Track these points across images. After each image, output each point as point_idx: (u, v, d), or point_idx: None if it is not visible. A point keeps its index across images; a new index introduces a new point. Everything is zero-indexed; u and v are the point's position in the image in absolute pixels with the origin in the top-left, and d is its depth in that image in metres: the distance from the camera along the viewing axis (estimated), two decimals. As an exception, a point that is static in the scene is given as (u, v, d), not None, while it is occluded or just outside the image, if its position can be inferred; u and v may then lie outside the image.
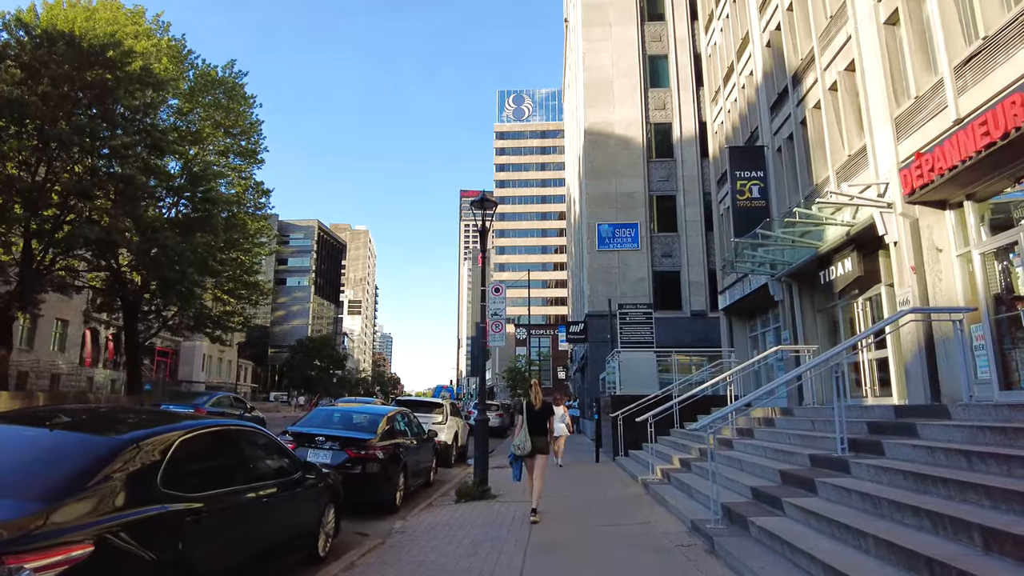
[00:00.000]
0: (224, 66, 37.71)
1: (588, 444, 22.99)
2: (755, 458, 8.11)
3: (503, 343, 9.90)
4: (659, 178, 28.17)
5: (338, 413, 10.15)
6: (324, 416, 9.92)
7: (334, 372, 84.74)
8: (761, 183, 16.46)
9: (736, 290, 19.28)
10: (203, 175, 32.72)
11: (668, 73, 29.08)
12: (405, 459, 9.63)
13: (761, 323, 19.11)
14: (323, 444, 8.59)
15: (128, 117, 28.41)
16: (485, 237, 10.54)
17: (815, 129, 13.94)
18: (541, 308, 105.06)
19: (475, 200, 10.54)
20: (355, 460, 8.48)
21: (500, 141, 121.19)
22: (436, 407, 15.52)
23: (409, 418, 10.98)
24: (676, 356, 15.45)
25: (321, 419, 9.76)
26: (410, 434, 10.65)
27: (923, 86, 9.59)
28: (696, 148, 28.17)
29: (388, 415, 9.78)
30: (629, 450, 14.55)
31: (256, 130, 39.32)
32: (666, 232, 27.76)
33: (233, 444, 4.91)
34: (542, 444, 8.08)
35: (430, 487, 11.83)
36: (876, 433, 6.60)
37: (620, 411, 14.55)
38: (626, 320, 16.53)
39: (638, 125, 28.54)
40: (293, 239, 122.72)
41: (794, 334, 15.28)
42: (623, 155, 28.21)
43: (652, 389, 15.59)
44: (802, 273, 14.65)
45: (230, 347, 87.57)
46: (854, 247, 12.02)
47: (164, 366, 66.92)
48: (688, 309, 26.63)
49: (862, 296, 12.69)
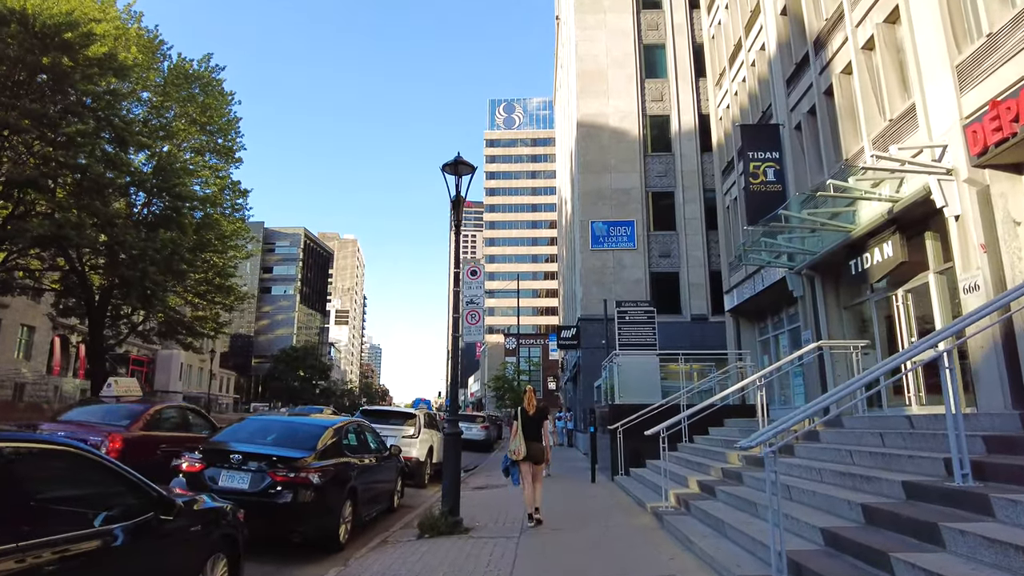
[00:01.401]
0: (200, 60, 35.69)
1: (581, 459, 20.96)
2: (811, 484, 6.18)
3: (480, 337, 7.99)
4: (656, 173, 26.42)
5: (276, 423, 8.11)
6: (255, 427, 7.88)
7: (317, 383, 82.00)
8: (776, 165, 14.66)
9: (745, 288, 17.43)
10: (171, 169, 30.71)
11: (666, 63, 27.44)
12: (355, 482, 7.62)
13: (774, 324, 17.25)
14: (240, 464, 6.56)
15: (89, 105, 26.41)
16: (460, 207, 8.60)
17: (844, 96, 12.16)
18: (532, 318, 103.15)
19: (447, 164, 8.62)
20: (282, 485, 6.46)
21: (491, 149, 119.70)
22: (407, 418, 13.49)
23: (364, 431, 8.97)
24: (681, 361, 13.53)
25: (250, 431, 7.73)
26: (366, 451, 8.64)
27: (998, 20, 7.80)
28: (696, 142, 26.47)
29: (335, 427, 7.77)
30: (630, 468, 12.57)
31: (234, 127, 37.29)
32: (664, 231, 25.96)
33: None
34: (537, 450, 8.14)
35: (393, 513, 9.80)
36: (1006, 451, 4.69)
37: (619, 423, 12.59)
38: (625, 320, 14.60)
39: (634, 117, 26.83)
40: (279, 247, 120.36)
41: (817, 334, 13.41)
42: (618, 148, 26.46)
43: (655, 398, 13.65)
44: (827, 264, 12.83)
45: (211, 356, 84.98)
46: (896, 228, 10.18)
47: (140, 375, 64.33)
48: (688, 313, 24.79)
49: (903, 287, 10.84)
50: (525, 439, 8.05)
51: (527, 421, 8.15)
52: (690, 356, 14.57)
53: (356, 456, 8.02)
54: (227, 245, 37.27)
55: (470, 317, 8.56)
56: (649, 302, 15.27)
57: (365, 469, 8.19)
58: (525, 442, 8.03)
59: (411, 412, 13.76)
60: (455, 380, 8.36)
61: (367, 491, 8.19)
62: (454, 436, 8.09)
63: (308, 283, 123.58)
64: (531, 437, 8.11)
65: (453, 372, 8.35)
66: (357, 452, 8.18)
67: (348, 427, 8.15)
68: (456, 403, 8.37)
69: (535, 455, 8.09)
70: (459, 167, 8.59)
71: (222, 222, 36.00)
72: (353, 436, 8.34)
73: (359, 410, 14.01)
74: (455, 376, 8.35)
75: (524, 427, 8.13)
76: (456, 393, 8.33)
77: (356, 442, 8.38)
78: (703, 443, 11.62)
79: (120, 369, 60.55)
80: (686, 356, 13.37)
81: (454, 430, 8.11)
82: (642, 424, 12.43)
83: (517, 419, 8.25)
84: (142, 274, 26.48)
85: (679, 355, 13.41)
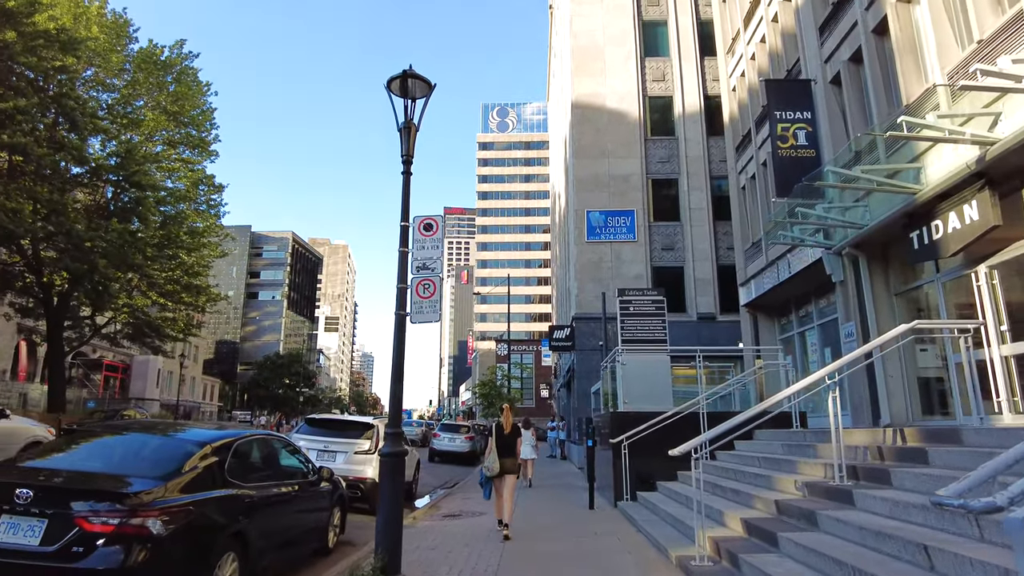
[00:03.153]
0: (172, 46, 33.27)
1: (576, 476, 18.45)
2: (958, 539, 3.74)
3: (437, 318, 5.62)
4: (658, 159, 24.10)
5: (132, 438, 5.59)
6: (96, 445, 5.37)
7: (301, 390, 79.04)
8: (808, 126, 12.34)
9: (766, 278, 15.06)
10: (132, 156, 28.21)
11: (668, 40, 25.20)
12: (247, 524, 5.14)
13: (799, 319, 14.88)
14: (30, 505, 4.08)
15: (33, 80, 23.98)
16: (411, 138, 6.19)
17: (902, 29, 9.83)
18: (524, 324, 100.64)
19: (394, 77, 6.21)
20: (97, 538, 3.99)
21: (483, 152, 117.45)
22: (363, 430, 10.96)
23: (275, 448, 6.49)
24: (699, 360, 11.07)
25: (88, 450, 5.24)
26: (275, 476, 6.17)
27: None
28: (701, 125, 24.21)
29: (215, 443, 5.28)
30: (637, 491, 10.11)
31: (208, 119, 34.76)
32: (667, 221, 23.62)
33: None
34: (511, 465, 8.52)
35: (327, 557, 7.31)
36: None
37: (624, 435, 10.14)
38: (629, 311, 12.19)
39: (633, 98, 24.54)
40: (267, 251, 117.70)
41: (862, 326, 11.04)
42: (616, 132, 24.15)
43: (665, 405, 11.22)
44: (876, 240, 10.50)
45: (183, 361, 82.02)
46: (984, 183, 7.83)
47: (114, 382, 61.49)
48: (694, 312, 22.41)
49: (987, 263, 8.48)
50: (499, 455, 8.44)
51: (502, 438, 8.56)
52: (710, 354, 12.14)
53: (254, 484, 5.53)
54: (199, 242, 34.72)
55: (422, 288, 6.13)
56: (657, 291, 12.84)
57: (270, 503, 5.71)
58: (499, 458, 8.42)
59: (368, 422, 11.24)
60: (398, 377, 5.90)
61: (273, 534, 5.71)
62: (394, 457, 5.65)
63: (296, 288, 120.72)
64: (505, 453, 8.50)
65: (396, 367, 5.89)
66: (257, 478, 5.69)
67: (241, 443, 5.63)
68: (398, 408, 5.93)
69: (508, 469, 8.48)
70: (409, 83, 6.18)
71: (194, 217, 33.51)
72: (252, 455, 5.86)
73: (303, 420, 11.46)
74: (398, 373, 5.89)
75: (499, 443, 8.51)
76: (399, 394, 5.88)
77: (257, 464, 5.90)
78: (731, 461, 9.18)
79: (93, 375, 57.73)
80: (704, 354, 10.93)
81: (395, 449, 5.67)
82: (652, 437, 10.01)
83: (492, 435, 8.66)
84: (90, 267, 23.95)
85: (696, 352, 10.96)
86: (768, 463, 7.74)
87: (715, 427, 6.72)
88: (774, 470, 7.28)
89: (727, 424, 6.55)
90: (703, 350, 11.09)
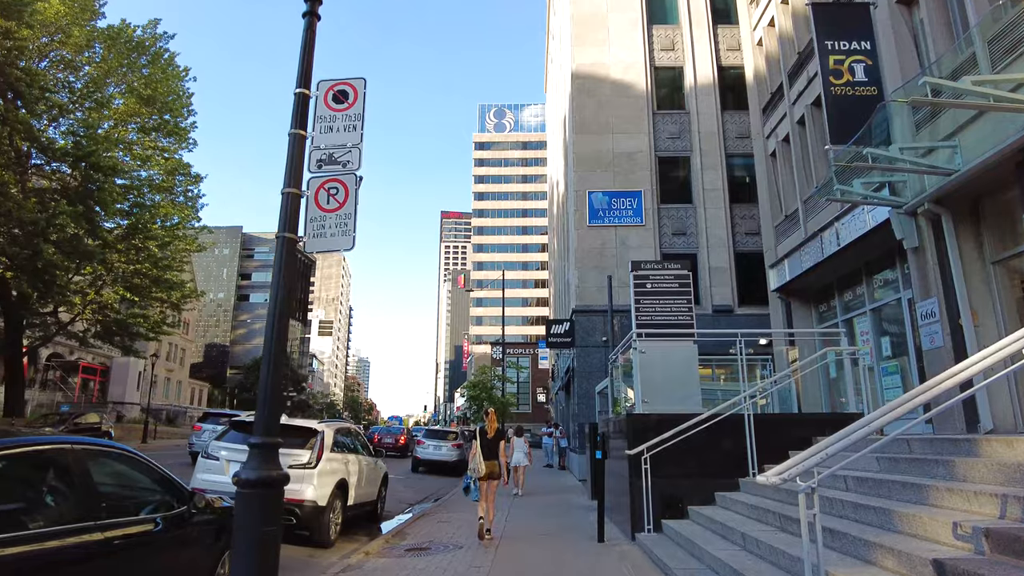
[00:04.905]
0: (145, 25, 30.83)
1: (577, 490, 15.92)
2: None
3: (349, 245, 3.09)
4: (668, 135, 21.68)
5: None
6: None
7: (289, 394, 76.26)
8: (867, 59, 9.91)
9: (805, 254, 12.60)
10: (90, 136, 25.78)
11: (677, 6, 22.84)
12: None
13: (845, 305, 12.41)
14: None
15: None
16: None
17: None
18: (521, 328, 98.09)
19: None
20: None
21: (480, 152, 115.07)
22: (305, 437, 8.42)
23: (104, 466, 3.97)
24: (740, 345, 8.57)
25: None
26: (94, 509, 3.65)
27: None
28: (715, 98, 21.82)
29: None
30: (663, 519, 7.60)
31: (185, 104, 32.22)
32: (678, 204, 21.17)
33: None
34: (494, 468, 8.61)
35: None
36: None
37: (644, 444, 7.63)
38: (645, 289, 9.74)
39: (640, 69, 22.15)
40: (258, 252, 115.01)
41: (945, 304, 8.58)
42: (621, 105, 21.74)
43: (693, 404, 8.76)
44: (966, 192, 8.11)
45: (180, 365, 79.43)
46: None
47: (93, 385, 58.85)
48: (708, 304, 19.96)
49: None
50: (484, 458, 8.50)
51: (486, 442, 8.62)
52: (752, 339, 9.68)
53: (34, 532, 3.03)
54: (174, 235, 32.16)
55: (324, 196, 3.66)
56: (680, 263, 10.37)
57: (62, 561, 3.21)
58: (484, 462, 8.47)
59: (311, 427, 8.67)
60: (275, 362, 3.42)
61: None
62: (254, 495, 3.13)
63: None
64: (490, 456, 8.57)
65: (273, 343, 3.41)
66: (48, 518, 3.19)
67: (18, 459, 3.12)
68: (274, 406, 3.45)
69: (492, 473, 8.56)
70: None
71: (169, 209, 31.02)
72: (43, 479, 3.35)
73: (229, 423, 8.91)
74: (276, 353, 3.42)
75: (483, 447, 8.56)
76: (277, 384, 3.40)
77: (56, 493, 3.41)
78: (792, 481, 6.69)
79: (70, 378, 55.04)
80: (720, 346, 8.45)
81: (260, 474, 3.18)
82: (680, 447, 7.53)
83: (477, 439, 8.69)
84: (33, 252, 21.45)
85: (737, 337, 8.46)
86: (874, 488, 5.24)
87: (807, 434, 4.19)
88: (893, 499, 4.80)
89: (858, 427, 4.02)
90: (745, 334, 8.59)
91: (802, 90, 12.99)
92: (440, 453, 21.64)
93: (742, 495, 7.36)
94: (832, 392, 12.80)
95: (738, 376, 10.33)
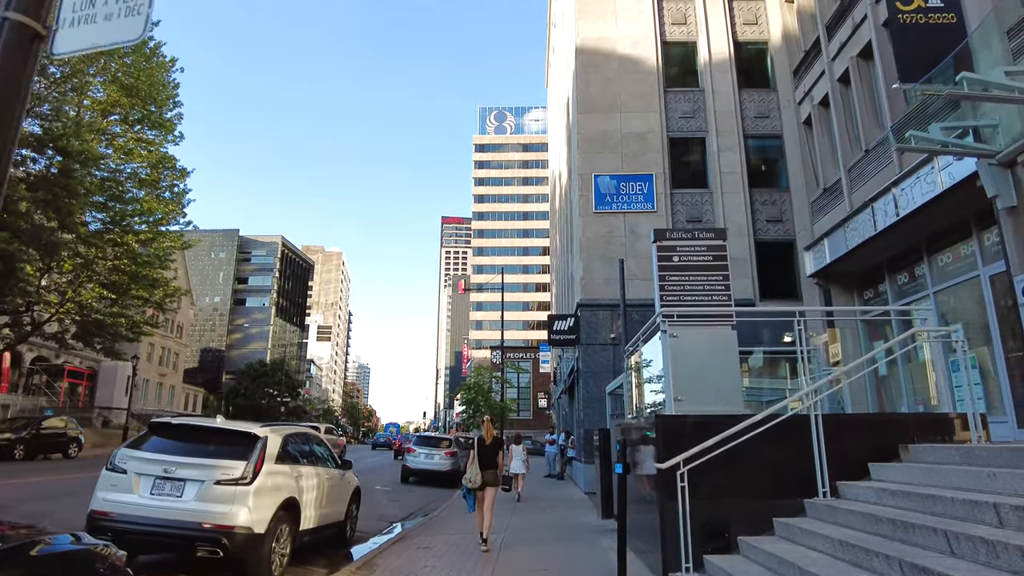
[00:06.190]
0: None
1: (581, 504, 14.02)
2: None
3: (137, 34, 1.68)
4: (681, 114, 19.90)
5: None
6: None
7: (283, 400, 74.24)
8: (944, -19, 8.12)
9: (851, 231, 10.77)
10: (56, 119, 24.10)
11: (689, -23, 21.10)
12: None
13: (898, 289, 10.56)
14: None
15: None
16: None
17: None
18: (521, 332, 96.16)
19: None
20: None
21: (480, 154, 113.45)
22: (241, 444, 6.61)
23: None
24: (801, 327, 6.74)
25: None
26: None
27: None
28: (732, 76, 20.04)
29: None
30: (705, 554, 5.72)
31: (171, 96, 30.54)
32: (692, 188, 19.35)
33: None
34: (491, 477, 8.46)
35: None
36: None
37: (682, 456, 5.76)
38: (672, 263, 7.97)
39: (650, 43, 20.40)
40: (255, 256, 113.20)
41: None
42: (629, 82, 19.97)
43: (735, 403, 6.92)
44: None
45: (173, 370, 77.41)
46: None
47: (80, 389, 56.94)
48: (726, 297, 18.10)
49: None
50: (481, 467, 8.39)
51: (483, 450, 8.49)
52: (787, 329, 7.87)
53: None
54: (157, 231, 30.43)
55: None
56: (716, 231, 8.56)
57: None
58: (481, 471, 8.36)
59: (250, 432, 6.81)
60: None
61: None
62: None
63: (285, 295, 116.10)
64: (487, 465, 8.45)
65: None
66: None
67: None
68: None
69: (489, 482, 8.40)
70: None
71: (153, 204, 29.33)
72: None
73: (148, 427, 7.04)
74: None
75: (480, 455, 8.45)
76: None
77: None
78: (886, 502, 4.85)
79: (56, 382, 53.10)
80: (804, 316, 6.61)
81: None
82: (724, 458, 5.67)
83: (474, 448, 8.56)
84: (-14, 241, 19.70)
85: (796, 316, 6.62)
86: (978, 512, 3.39)
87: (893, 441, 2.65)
88: None
89: None
90: (804, 310, 6.73)
91: (845, 40, 11.20)
92: (432, 462, 19.73)
93: (810, 522, 5.50)
94: (881, 390, 10.96)
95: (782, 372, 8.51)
